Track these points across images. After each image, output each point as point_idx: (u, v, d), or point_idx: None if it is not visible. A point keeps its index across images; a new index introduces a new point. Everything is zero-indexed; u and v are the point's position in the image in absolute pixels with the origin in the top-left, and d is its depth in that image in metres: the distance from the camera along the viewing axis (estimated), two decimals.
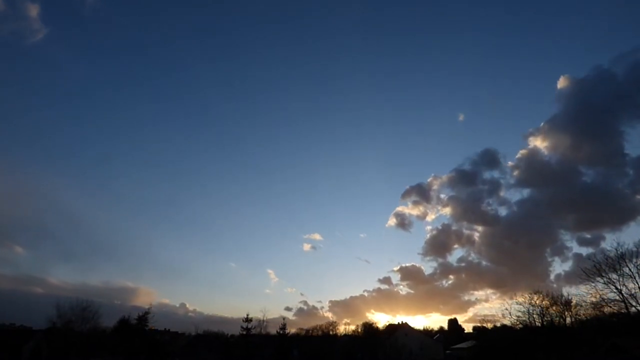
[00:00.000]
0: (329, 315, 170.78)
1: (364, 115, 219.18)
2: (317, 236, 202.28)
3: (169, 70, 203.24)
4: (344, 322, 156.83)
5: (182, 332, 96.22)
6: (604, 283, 35.38)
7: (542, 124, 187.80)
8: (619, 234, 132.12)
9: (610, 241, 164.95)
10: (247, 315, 62.97)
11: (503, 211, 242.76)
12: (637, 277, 33.62)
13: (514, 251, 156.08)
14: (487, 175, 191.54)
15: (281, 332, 66.28)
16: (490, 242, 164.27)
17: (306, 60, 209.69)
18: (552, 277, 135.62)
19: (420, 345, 73.00)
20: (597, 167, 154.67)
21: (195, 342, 77.07)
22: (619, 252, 35.35)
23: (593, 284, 36.31)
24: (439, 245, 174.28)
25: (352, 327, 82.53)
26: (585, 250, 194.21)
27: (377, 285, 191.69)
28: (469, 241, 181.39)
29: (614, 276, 34.90)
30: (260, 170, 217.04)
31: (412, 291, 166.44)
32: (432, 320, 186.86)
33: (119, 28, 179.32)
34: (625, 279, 34.27)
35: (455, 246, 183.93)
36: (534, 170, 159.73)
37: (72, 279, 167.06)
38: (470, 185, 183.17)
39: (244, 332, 62.39)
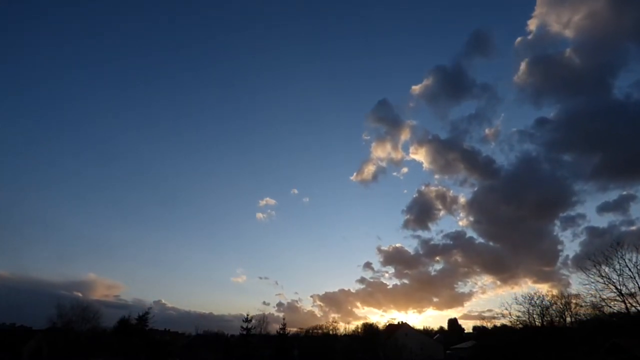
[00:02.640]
0: (315, 311, 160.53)
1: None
2: (270, 201, 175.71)
3: None
4: (332, 317, 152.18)
5: (182, 332, 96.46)
6: (604, 283, 35.40)
7: None
8: None
9: None
10: (247, 315, 63.24)
11: (498, 155, 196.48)
12: (637, 277, 33.60)
13: (515, 220, 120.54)
14: (477, 78, 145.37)
15: (281, 332, 66.32)
16: (485, 208, 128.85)
17: None
18: (559, 261, 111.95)
19: (421, 345, 72.92)
20: None
21: (195, 342, 77.19)
22: (619, 253, 35.38)
23: (593, 284, 36.35)
24: (420, 212, 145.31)
25: (352, 327, 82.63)
26: (604, 221, 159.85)
27: (360, 273, 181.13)
28: (455, 206, 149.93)
29: (614, 276, 34.93)
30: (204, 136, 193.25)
31: (398, 282, 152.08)
32: (427, 316, 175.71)
33: (120, 28, 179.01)
34: (625, 279, 34.28)
35: (441, 213, 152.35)
36: (544, 69, 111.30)
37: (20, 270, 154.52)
38: (455, 97, 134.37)
39: (244, 332, 62.43)
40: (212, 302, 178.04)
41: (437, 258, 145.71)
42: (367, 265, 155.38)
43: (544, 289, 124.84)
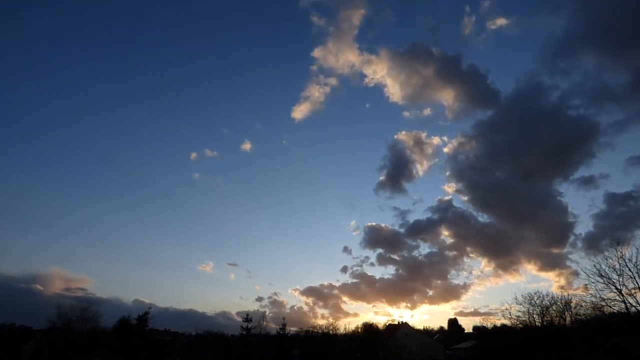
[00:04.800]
0: (301, 306, 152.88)
1: None
2: (207, 152, 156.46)
3: None
4: (321, 314, 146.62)
5: (182, 332, 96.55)
6: (604, 283, 35.41)
7: None
8: None
9: None
10: (247, 315, 63.36)
11: (485, 65, 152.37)
12: (637, 277, 33.61)
13: (515, 179, 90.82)
14: None
15: (281, 332, 66.36)
16: (473, 161, 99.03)
17: None
18: (570, 240, 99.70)
19: (421, 345, 72.82)
20: None
21: (195, 342, 77.20)
22: (619, 253, 35.40)
23: (593, 284, 36.39)
24: (394, 172, 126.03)
25: (352, 327, 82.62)
26: (629, 183, 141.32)
27: (340, 258, 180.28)
28: (437, 159, 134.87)
29: (614, 276, 34.92)
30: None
31: (384, 269, 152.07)
32: (422, 312, 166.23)
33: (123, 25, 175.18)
34: (625, 279, 34.30)
35: (420, 171, 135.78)
36: None
37: None
38: None
39: (244, 332, 62.49)
40: (189, 298, 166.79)
41: (423, 236, 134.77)
42: (346, 250, 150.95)
43: (550, 278, 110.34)
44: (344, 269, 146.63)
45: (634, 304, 33.71)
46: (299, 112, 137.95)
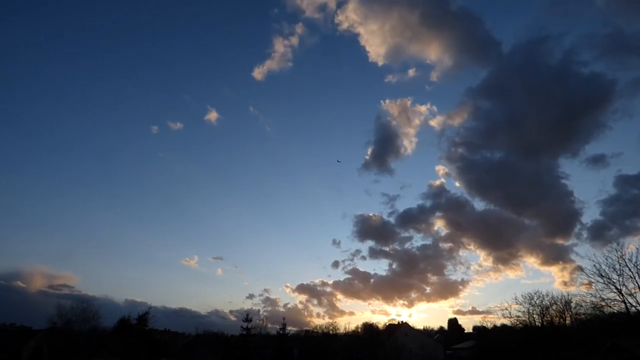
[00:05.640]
0: (295, 304, 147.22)
1: None
2: (172, 125, 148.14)
3: None
4: (316, 313, 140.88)
5: (182, 332, 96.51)
6: (604, 283, 35.46)
7: None
8: None
9: None
10: (247, 315, 63.47)
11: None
12: (637, 277, 33.67)
13: (515, 159, 79.55)
14: None
15: (281, 332, 66.40)
16: (466, 132, 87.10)
17: None
18: (576, 229, 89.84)
19: (421, 345, 72.82)
20: None
21: (195, 342, 77.14)
22: (619, 252, 35.47)
23: (593, 284, 36.46)
24: (380, 149, 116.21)
25: (352, 327, 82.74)
26: None
27: (331, 254, 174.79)
28: (427, 134, 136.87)
29: (614, 276, 34.99)
30: None
31: (377, 263, 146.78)
32: (419, 309, 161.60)
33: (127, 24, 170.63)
34: (625, 279, 34.36)
35: (408, 148, 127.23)
36: None
37: None
38: None
39: (244, 332, 62.55)
40: (180, 296, 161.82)
41: (415, 226, 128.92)
42: (335, 243, 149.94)
43: (553, 272, 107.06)
44: (335, 264, 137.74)
45: (634, 304, 33.89)
46: (260, 73, 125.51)
